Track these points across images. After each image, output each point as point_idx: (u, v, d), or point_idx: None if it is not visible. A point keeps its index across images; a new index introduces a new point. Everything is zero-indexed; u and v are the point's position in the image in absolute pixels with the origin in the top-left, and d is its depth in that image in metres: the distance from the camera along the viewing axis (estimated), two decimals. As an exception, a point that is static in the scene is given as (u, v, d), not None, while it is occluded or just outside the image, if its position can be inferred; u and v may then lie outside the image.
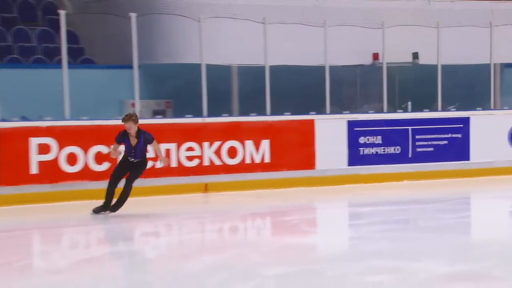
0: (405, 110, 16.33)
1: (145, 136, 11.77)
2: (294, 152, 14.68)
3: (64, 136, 12.95)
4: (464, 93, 17.16)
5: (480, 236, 11.90)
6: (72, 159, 12.97)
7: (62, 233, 11.16)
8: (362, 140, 15.22)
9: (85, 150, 13.11)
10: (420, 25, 16.64)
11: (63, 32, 13.84)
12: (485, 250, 10.31)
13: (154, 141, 11.95)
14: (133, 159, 11.81)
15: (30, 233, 10.78)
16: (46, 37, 17.36)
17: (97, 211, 11.71)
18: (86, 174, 13.07)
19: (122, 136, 11.74)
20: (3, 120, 12.90)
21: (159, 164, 12.69)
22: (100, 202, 11.77)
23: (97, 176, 13.13)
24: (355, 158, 15.18)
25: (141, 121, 14.04)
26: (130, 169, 11.87)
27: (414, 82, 17.32)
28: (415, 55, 17.48)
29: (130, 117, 11.74)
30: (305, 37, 16.06)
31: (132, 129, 11.62)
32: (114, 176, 11.93)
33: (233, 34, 16.03)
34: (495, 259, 9.51)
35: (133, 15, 14.09)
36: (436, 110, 16.13)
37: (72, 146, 12.98)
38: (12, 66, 15.68)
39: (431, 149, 15.66)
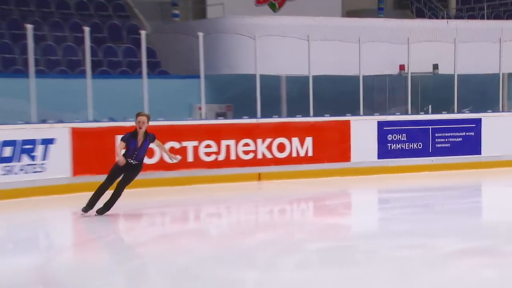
0: (426, 112, 16.21)
1: (149, 136, 10.32)
2: (333, 147, 14.64)
3: (143, 134, 13.06)
4: (477, 98, 16.98)
5: (490, 218, 11.77)
6: (150, 153, 13.02)
7: (142, 214, 11.26)
8: (389, 137, 15.14)
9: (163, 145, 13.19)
10: (440, 41, 16.50)
11: (143, 48, 14.00)
12: (494, 229, 10.22)
13: (156, 140, 10.57)
14: (132, 161, 10.22)
15: (117, 213, 10.88)
16: (129, 53, 17.52)
17: (85, 210, 10.27)
18: (161, 165, 13.13)
19: (130, 137, 10.16)
20: (95, 121, 13.04)
21: (171, 160, 11.13)
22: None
23: (171, 166, 13.16)
24: (384, 152, 15.09)
25: (206, 122, 14.20)
26: (127, 170, 10.30)
27: (434, 89, 17.16)
28: (435, 66, 17.31)
29: (145, 113, 10.44)
30: (342, 51, 16.01)
31: (145, 124, 10.13)
32: (109, 178, 10.40)
33: (282, 49, 16.02)
34: (502, 237, 9.44)
35: (200, 34, 14.18)
36: (452, 112, 15.97)
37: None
38: (102, 76, 15.83)
39: (448, 145, 15.53)
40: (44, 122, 12.64)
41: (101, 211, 10.28)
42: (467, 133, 15.68)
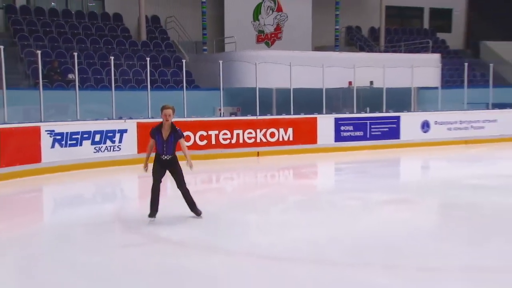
0: (365, 112, 16.07)
1: (177, 131, 7.03)
2: (306, 134, 14.51)
3: (183, 126, 12.77)
4: (397, 103, 16.82)
5: (405, 179, 11.77)
6: (187, 138, 12.98)
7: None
8: (342, 128, 15.02)
9: (194, 134, 13.13)
10: (374, 66, 16.36)
11: (184, 71, 13.91)
12: (407, 186, 10.23)
13: (183, 139, 7.16)
14: (165, 156, 6.97)
15: (165, 179, 10.81)
16: (175, 74, 17.42)
17: (152, 215, 7.02)
18: (195, 146, 13.04)
19: (155, 131, 7.01)
20: (151, 118, 12.80)
21: (187, 165, 7.04)
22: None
23: (200, 147, 13.16)
24: (338, 137, 14.97)
25: (223, 118, 14.09)
26: (169, 169, 7.08)
27: (371, 97, 16.99)
28: (371, 82, 17.17)
29: (170, 106, 7.08)
30: (312, 73, 15.82)
31: (171, 117, 7.00)
32: (155, 181, 7.01)
33: (274, 71, 15.81)
34: (413, 191, 9.44)
35: (220, 62, 14.06)
36: (382, 112, 15.85)
37: (188, 131, 12.99)
38: (157, 89, 15.76)
39: (379, 133, 15.42)
40: (120, 119, 12.53)
41: (197, 213, 7.21)
42: (391, 125, 15.60)
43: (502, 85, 19.56)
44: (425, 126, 16.06)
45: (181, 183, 7.11)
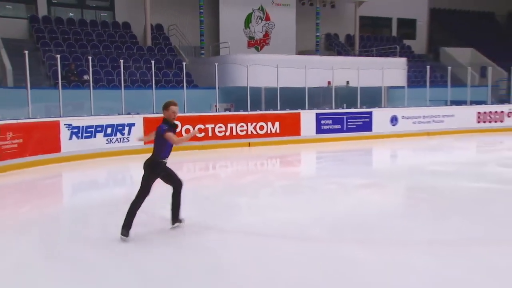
0: (343, 108, 16.06)
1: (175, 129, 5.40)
2: (291, 127, 14.49)
3: (183, 120, 12.83)
4: (370, 100, 16.84)
5: (376, 166, 11.77)
6: (187, 131, 12.88)
7: (183, 166, 11.10)
8: (323, 121, 15.02)
9: (193, 127, 13.03)
10: (350, 68, 16.34)
11: (184, 72, 13.80)
12: (378, 173, 10.22)
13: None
14: (166, 159, 5.40)
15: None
16: (176, 75, 17.28)
17: (126, 234, 5.29)
18: (194, 138, 12.85)
19: (171, 130, 5.27)
20: (156, 113, 12.69)
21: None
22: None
23: (199, 139, 13.08)
24: (319, 130, 14.97)
25: (219, 113, 14.00)
26: (162, 176, 5.45)
27: (347, 95, 16.97)
28: (348, 82, 17.16)
29: (176, 102, 5.39)
30: (296, 74, 15.77)
31: (177, 114, 5.35)
32: (144, 195, 5.36)
33: (262, 72, 15.72)
34: (382, 176, 9.45)
35: (216, 64, 13.95)
36: (357, 108, 15.85)
37: (187, 125, 12.90)
38: (161, 88, 15.57)
39: (354, 126, 15.44)
40: (129, 114, 12.44)
41: (177, 222, 5.68)
42: (365, 120, 15.61)
43: (458, 85, 19.64)
44: (394, 120, 16.11)
45: (178, 182, 5.54)
